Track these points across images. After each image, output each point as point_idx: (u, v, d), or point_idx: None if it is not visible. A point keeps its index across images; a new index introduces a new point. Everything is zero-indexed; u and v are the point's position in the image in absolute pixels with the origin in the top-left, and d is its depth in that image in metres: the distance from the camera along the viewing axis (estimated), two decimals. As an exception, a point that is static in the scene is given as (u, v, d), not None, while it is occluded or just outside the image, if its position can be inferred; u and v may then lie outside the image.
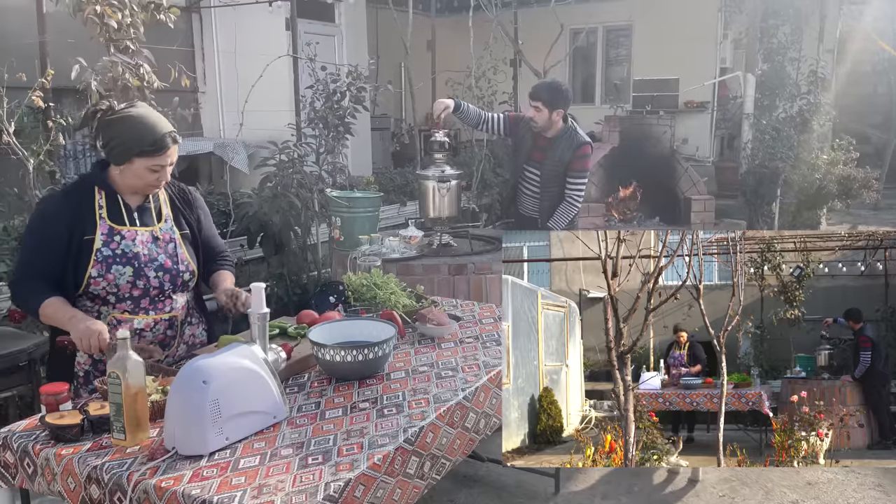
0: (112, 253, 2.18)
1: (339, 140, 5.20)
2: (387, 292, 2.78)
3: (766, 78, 8.27)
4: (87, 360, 2.25)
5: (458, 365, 2.36)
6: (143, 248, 2.24)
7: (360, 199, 4.09)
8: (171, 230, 2.32)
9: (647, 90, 10.43)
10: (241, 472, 1.67)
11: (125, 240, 2.21)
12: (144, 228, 2.26)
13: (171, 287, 2.28)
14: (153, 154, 2.14)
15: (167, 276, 2.27)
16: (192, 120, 8.41)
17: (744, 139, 8.58)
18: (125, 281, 2.19)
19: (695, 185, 6.06)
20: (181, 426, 1.75)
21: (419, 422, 1.94)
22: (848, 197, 8.22)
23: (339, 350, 2.19)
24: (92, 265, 2.16)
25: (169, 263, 2.27)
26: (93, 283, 2.17)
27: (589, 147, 3.85)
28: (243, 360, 1.86)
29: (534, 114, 3.77)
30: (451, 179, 3.84)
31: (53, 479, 1.77)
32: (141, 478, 1.64)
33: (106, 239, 2.19)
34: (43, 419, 1.86)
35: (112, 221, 2.22)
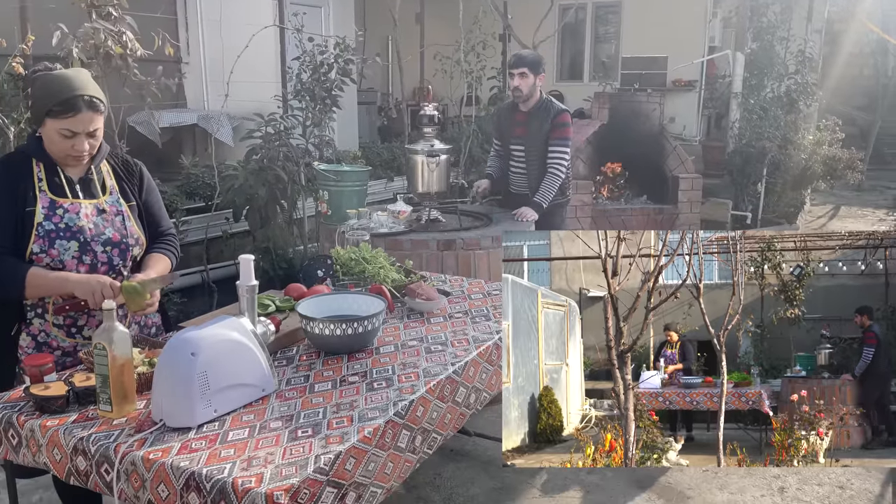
0: (55, 227, 2.07)
1: (325, 113, 5.13)
2: (375, 266, 2.76)
3: (755, 57, 8.26)
4: (31, 343, 2.15)
5: (447, 339, 2.35)
6: (89, 222, 2.12)
7: (347, 172, 4.04)
8: (118, 202, 2.21)
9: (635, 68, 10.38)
10: (230, 445, 1.65)
11: (68, 213, 2.10)
12: (89, 201, 2.15)
13: (120, 262, 2.17)
14: (61, 115, 2.00)
15: (115, 250, 2.16)
16: (175, 91, 8.28)
17: (731, 118, 8.59)
18: (70, 256, 2.08)
19: (683, 163, 6.07)
20: (169, 398, 1.73)
21: (409, 395, 1.93)
22: (832, 178, 8.27)
23: (328, 324, 2.17)
24: (33, 240, 2.04)
25: (117, 237, 2.16)
26: (35, 259, 2.05)
27: (567, 115, 4.00)
28: (232, 333, 1.84)
29: (519, 81, 3.95)
30: (440, 154, 3.81)
31: (38, 450, 1.75)
32: (128, 449, 1.63)
33: (47, 212, 2.07)
34: (27, 390, 1.83)
35: (53, 194, 2.10)
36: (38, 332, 2.16)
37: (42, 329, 2.16)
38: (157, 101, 4.27)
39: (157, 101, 4.27)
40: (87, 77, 2.10)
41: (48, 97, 2.03)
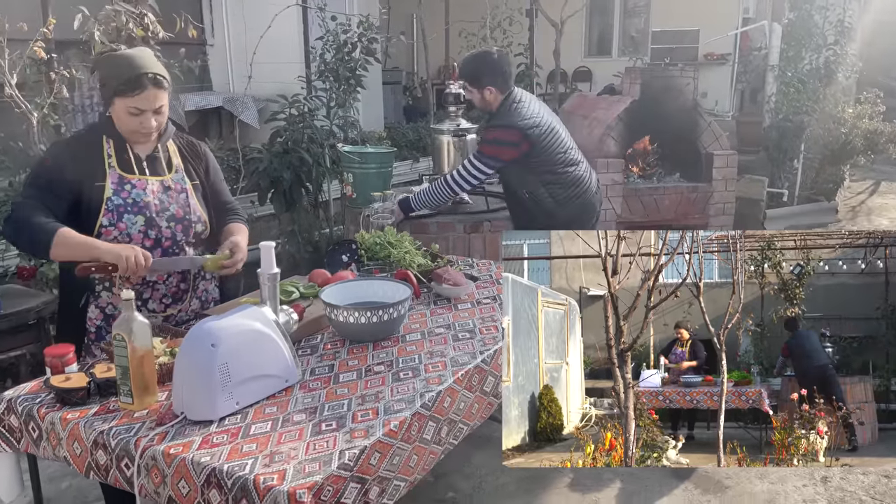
0: (123, 202, 2.11)
1: (350, 93, 5.05)
2: (401, 251, 2.68)
3: (793, 27, 7.95)
4: (99, 315, 2.17)
5: (475, 326, 2.28)
6: (154, 198, 2.16)
7: (372, 154, 3.96)
8: (182, 180, 2.25)
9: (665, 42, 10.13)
10: (253, 439, 1.60)
11: (136, 188, 2.14)
12: (155, 178, 2.19)
13: (183, 238, 2.20)
14: (128, 93, 2.03)
15: (179, 226, 2.19)
16: (199, 73, 8.26)
17: (767, 92, 8.30)
18: (137, 230, 2.12)
19: (717, 139, 5.86)
20: (190, 391, 1.68)
21: (436, 386, 1.86)
22: (873, 152, 7.98)
23: (352, 311, 2.11)
24: (103, 214, 2.08)
25: (181, 213, 2.20)
26: (104, 233, 2.09)
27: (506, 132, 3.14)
28: (253, 322, 1.78)
29: (468, 96, 3.33)
30: (466, 133, 3.71)
31: (59, 443, 1.71)
32: (149, 444, 1.58)
33: (116, 188, 2.12)
34: (47, 382, 1.80)
35: (122, 170, 2.14)
36: (105, 305, 2.17)
37: (110, 302, 2.17)
38: (180, 84, 4.22)
39: (180, 84, 4.22)
40: (150, 55, 2.13)
41: (115, 77, 2.05)
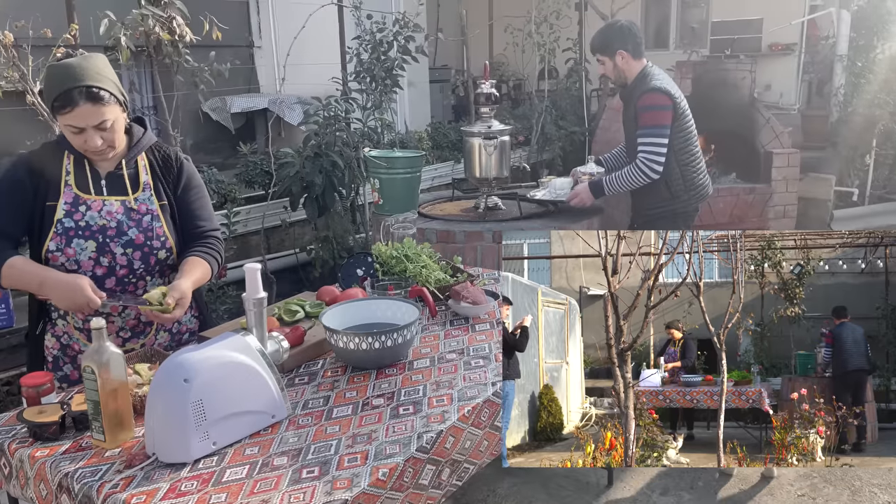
0: (74, 225, 1.93)
1: (386, 94, 4.89)
2: (418, 265, 2.50)
3: (863, 14, 7.42)
4: (56, 345, 2.04)
5: (490, 352, 2.08)
6: (112, 221, 1.96)
7: (398, 158, 3.79)
8: (149, 200, 2.02)
9: (726, 32, 9.61)
10: (224, 487, 1.44)
11: (90, 210, 1.95)
12: (115, 198, 1.98)
13: (141, 266, 2.00)
14: (60, 110, 1.83)
15: (138, 252, 1.98)
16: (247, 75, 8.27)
17: (835, 84, 7.79)
18: (87, 257, 1.93)
19: (777, 137, 5.47)
20: (161, 430, 1.53)
21: (438, 425, 1.67)
22: (953, 147, 7.38)
23: (353, 336, 1.93)
24: (51, 237, 1.92)
25: (141, 239, 1.98)
26: (51, 258, 1.92)
27: (655, 95, 3.13)
28: (234, 354, 1.62)
29: (601, 69, 3.32)
30: (498, 136, 3.49)
31: (27, 483, 1.60)
32: (112, 490, 1.44)
33: (69, 208, 1.94)
34: (20, 415, 1.68)
35: (79, 189, 1.96)
36: (61, 334, 2.05)
37: (65, 331, 2.04)
38: (210, 88, 4.13)
39: (210, 88, 4.13)
40: (93, 65, 1.89)
41: (48, 92, 1.88)
